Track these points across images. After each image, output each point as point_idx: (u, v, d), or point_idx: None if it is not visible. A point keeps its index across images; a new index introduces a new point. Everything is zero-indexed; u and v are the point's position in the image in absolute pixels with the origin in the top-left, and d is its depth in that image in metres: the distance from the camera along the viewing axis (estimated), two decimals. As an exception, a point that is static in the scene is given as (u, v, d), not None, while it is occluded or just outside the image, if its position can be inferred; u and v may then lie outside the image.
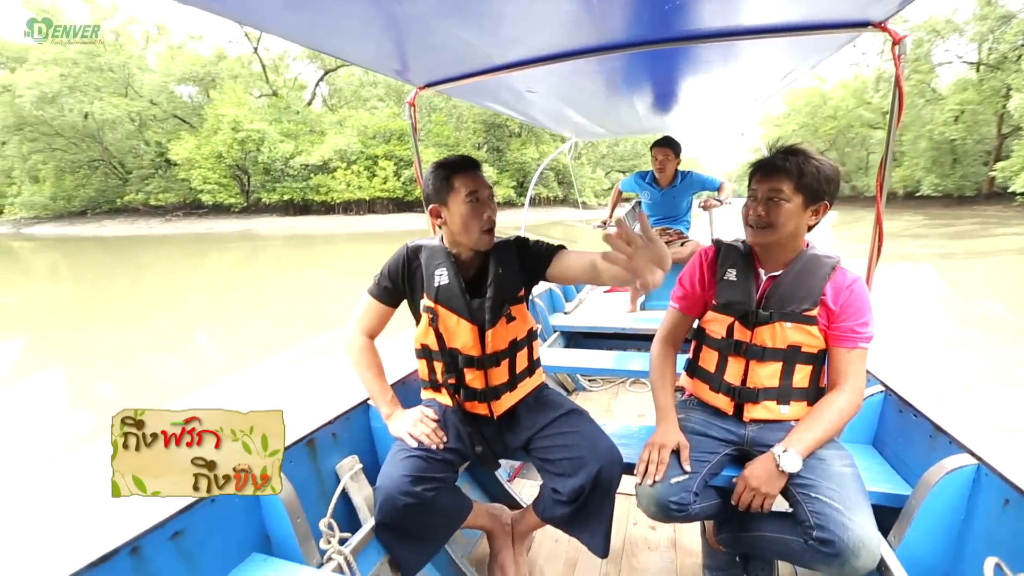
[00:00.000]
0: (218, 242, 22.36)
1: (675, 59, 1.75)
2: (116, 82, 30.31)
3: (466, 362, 1.54)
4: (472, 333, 1.51)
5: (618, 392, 3.37)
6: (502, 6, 1.19)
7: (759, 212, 1.34)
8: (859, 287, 1.38)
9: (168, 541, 1.13)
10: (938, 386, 4.54)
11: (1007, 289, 9.34)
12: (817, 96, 39.35)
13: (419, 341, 1.59)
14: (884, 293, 8.30)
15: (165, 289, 12.22)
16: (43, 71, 26.68)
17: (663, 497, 1.32)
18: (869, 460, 1.69)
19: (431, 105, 33.74)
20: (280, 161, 28.40)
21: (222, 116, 27.88)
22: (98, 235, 27.76)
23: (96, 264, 17.67)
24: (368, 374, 1.58)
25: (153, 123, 31.56)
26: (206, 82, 31.30)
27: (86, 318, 9.41)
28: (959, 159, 30.36)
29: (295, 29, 1.27)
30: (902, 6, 1.27)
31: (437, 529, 1.52)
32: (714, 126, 3.82)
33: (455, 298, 1.50)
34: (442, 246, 1.55)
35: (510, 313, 1.55)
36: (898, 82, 1.44)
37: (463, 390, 1.57)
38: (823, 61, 1.84)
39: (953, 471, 1.28)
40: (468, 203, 1.43)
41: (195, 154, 28.15)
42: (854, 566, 1.13)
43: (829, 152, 40.79)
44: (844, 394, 1.35)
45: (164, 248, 21.49)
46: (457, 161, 1.49)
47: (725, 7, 1.25)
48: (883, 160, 1.55)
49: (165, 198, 31.16)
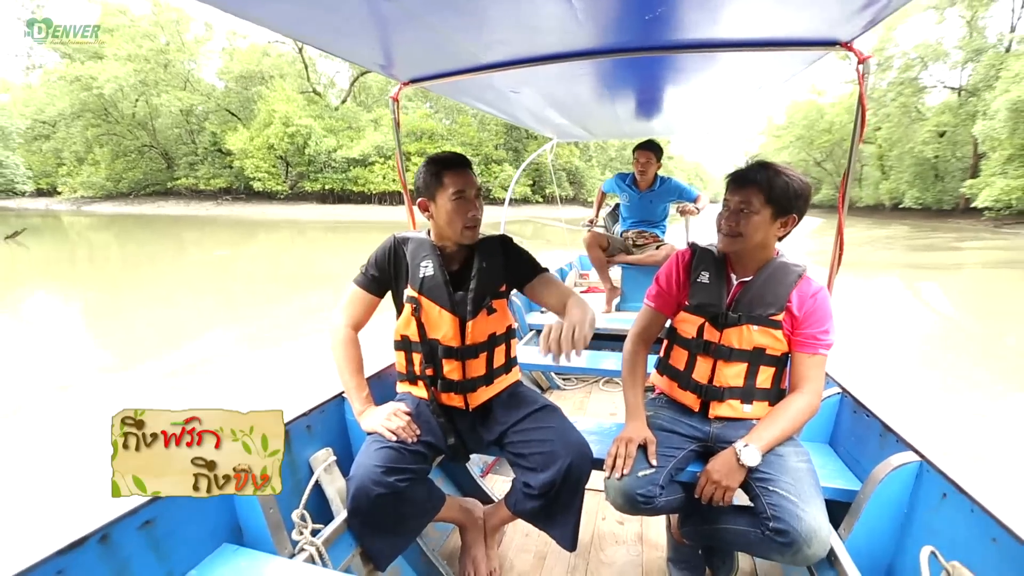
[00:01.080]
0: (267, 225, 23.85)
1: (655, 66, 1.73)
2: (178, 77, 32.59)
3: (445, 353, 1.51)
4: (453, 324, 1.49)
5: (591, 391, 3.32)
6: (486, 7, 1.18)
7: (730, 222, 1.36)
8: (822, 296, 1.41)
9: (138, 530, 1.09)
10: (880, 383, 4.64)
11: (959, 300, 9.34)
12: (815, 110, 40.40)
13: (399, 332, 1.55)
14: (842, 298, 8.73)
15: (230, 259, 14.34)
16: (119, 66, 28.97)
17: (630, 490, 1.32)
18: (825, 457, 1.71)
19: (458, 108, 35.16)
20: (324, 154, 30.63)
21: (274, 111, 30.21)
22: (158, 213, 29.44)
23: (174, 236, 19.57)
24: (347, 368, 1.53)
25: (205, 115, 33.59)
26: (256, 79, 33.16)
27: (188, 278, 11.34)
28: (940, 175, 31.58)
29: (280, 19, 1.23)
30: (867, 28, 1.31)
31: (409, 521, 1.47)
32: (695, 132, 3.70)
33: (438, 289, 1.48)
34: (428, 239, 1.53)
35: (491, 306, 1.52)
36: (861, 100, 1.49)
37: (440, 381, 1.53)
38: (795, 75, 1.84)
39: (898, 467, 1.32)
40: (454, 200, 1.43)
41: (248, 145, 30.47)
42: (806, 554, 1.16)
43: (826, 163, 40.80)
44: (804, 396, 1.37)
45: (215, 227, 23.14)
46: (449, 158, 1.47)
47: (703, 20, 1.27)
48: (845, 173, 1.57)
49: (215, 183, 33.26)
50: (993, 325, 7.35)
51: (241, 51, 33.81)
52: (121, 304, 8.62)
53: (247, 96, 33.78)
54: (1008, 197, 22.56)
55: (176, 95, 30.92)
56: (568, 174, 36.54)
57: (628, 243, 3.55)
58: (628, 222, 3.62)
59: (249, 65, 32.46)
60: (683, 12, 1.20)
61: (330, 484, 1.51)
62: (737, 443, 1.32)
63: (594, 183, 38.91)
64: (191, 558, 1.20)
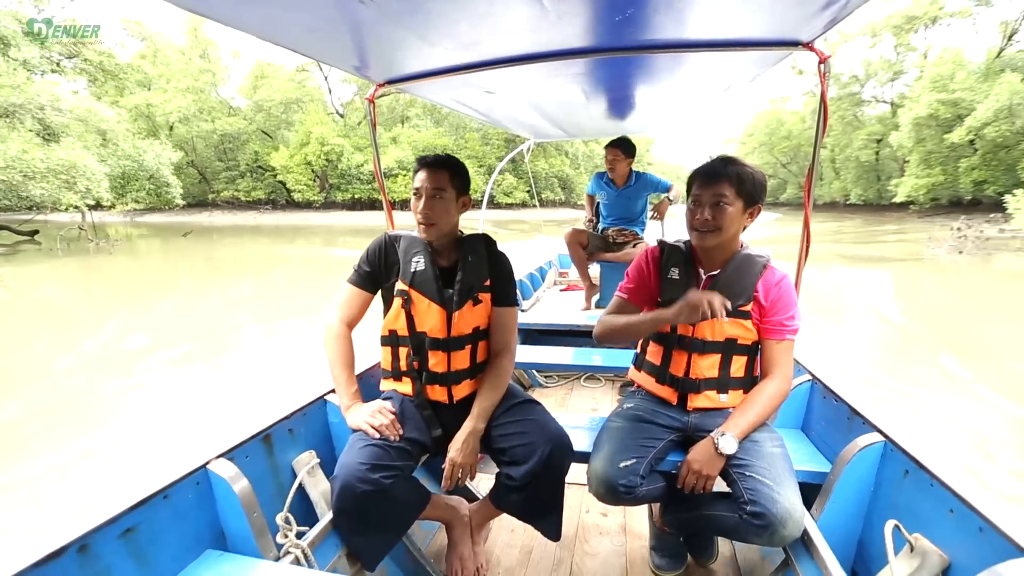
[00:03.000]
0: (304, 231, 26.02)
1: (627, 66, 1.68)
2: (224, 104, 36.02)
3: (432, 344, 1.44)
4: (441, 316, 1.43)
5: (573, 387, 3.28)
6: (460, 9, 1.13)
7: (706, 216, 1.30)
8: (786, 284, 1.38)
9: (118, 538, 1.02)
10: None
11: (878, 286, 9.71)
12: (775, 120, 43.08)
13: (387, 327, 1.48)
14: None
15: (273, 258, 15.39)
16: (182, 98, 31.78)
17: (613, 480, 1.29)
18: (797, 442, 1.69)
19: (463, 124, 38.18)
20: (354, 168, 34.04)
21: (310, 132, 33.54)
22: (212, 223, 31.45)
23: (252, 239, 21.09)
24: (338, 363, 1.45)
25: (247, 137, 36.34)
26: (291, 105, 36.49)
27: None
28: (880, 175, 34.34)
29: (252, 23, 1.17)
30: (827, 29, 1.30)
31: (394, 518, 1.37)
32: (668, 130, 3.71)
33: (428, 283, 1.43)
34: (420, 237, 1.48)
35: (477, 297, 1.47)
36: (823, 98, 1.46)
37: (425, 374, 1.46)
38: (760, 75, 1.80)
39: (864, 448, 1.32)
40: (413, 196, 1.44)
41: (288, 161, 33.74)
42: (781, 535, 1.15)
43: (791, 165, 42.26)
44: (774, 382, 1.34)
45: (277, 231, 25.26)
46: (424, 157, 1.45)
47: (670, 22, 1.24)
48: (809, 171, 1.56)
49: (255, 195, 36.29)
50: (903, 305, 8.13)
51: (272, 78, 36.53)
52: (274, 285, 10.46)
53: (282, 119, 36.74)
54: (916, 193, 25.77)
55: (227, 121, 34.45)
56: (559, 180, 38.93)
57: (608, 240, 3.48)
58: (608, 219, 3.54)
59: (287, 93, 35.80)
60: (651, 13, 1.18)
61: (314, 487, 1.43)
62: (714, 432, 1.28)
63: (582, 187, 42.84)
64: (174, 565, 1.13)
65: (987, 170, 23.59)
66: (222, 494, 1.24)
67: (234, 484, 1.21)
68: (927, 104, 24.33)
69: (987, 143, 22.51)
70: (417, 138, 36.31)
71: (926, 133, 25.37)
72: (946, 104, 23.94)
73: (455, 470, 1.39)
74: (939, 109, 24.08)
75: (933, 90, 24.60)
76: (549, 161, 38.35)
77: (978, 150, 23.44)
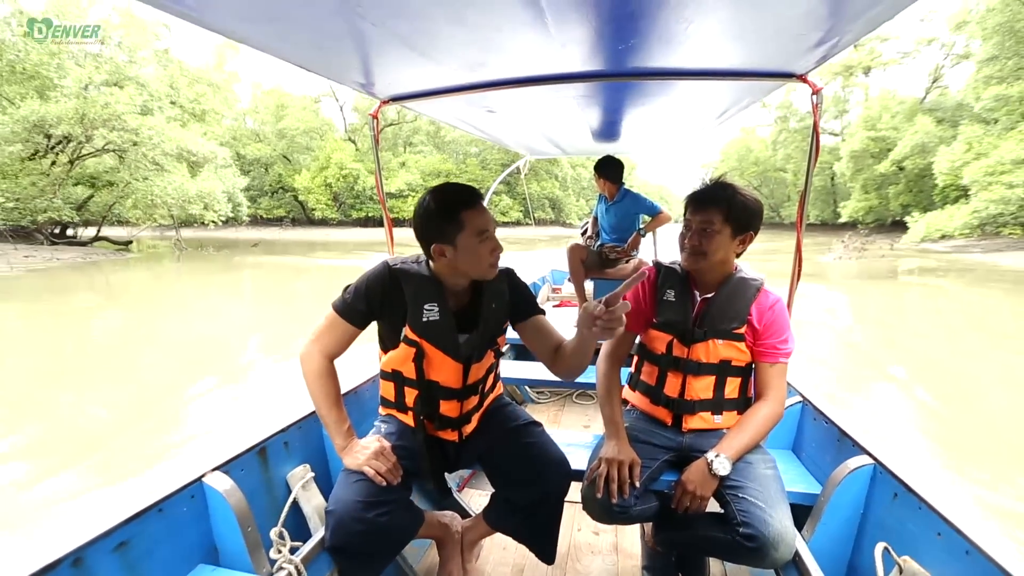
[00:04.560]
0: (339, 245, 27.55)
1: (626, 91, 1.67)
2: (252, 133, 38.71)
3: (444, 394, 1.27)
4: (456, 370, 1.25)
5: (565, 404, 3.19)
6: (467, 31, 1.09)
7: (693, 241, 1.27)
8: (780, 308, 1.31)
9: (112, 552, 0.98)
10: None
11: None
12: (744, 147, 45.88)
13: (391, 366, 1.27)
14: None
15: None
16: (219, 127, 32.83)
17: (606, 500, 1.22)
18: (788, 463, 1.63)
19: (464, 150, 40.69)
20: (368, 189, 36.67)
21: (330, 157, 36.35)
22: (238, 237, 32.80)
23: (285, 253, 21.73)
24: (325, 403, 1.24)
25: (269, 160, 38.67)
26: (309, 132, 39.19)
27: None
28: (836, 198, 36.79)
29: (260, 39, 1.14)
30: (820, 63, 1.29)
31: (389, 544, 1.26)
32: (659, 152, 3.80)
33: (443, 335, 1.22)
34: (432, 276, 1.23)
35: (496, 347, 1.34)
36: (815, 128, 1.45)
37: (437, 420, 1.29)
38: (753, 103, 1.80)
39: (854, 470, 1.28)
40: (481, 242, 1.17)
41: (310, 183, 36.38)
42: (773, 557, 1.09)
43: (762, 188, 44.28)
44: (768, 404, 1.28)
45: (303, 244, 26.95)
46: (462, 194, 1.17)
47: (671, 51, 1.22)
48: (802, 196, 1.52)
49: (276, 212, 38.69)
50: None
51: (292, 107, 39.58)
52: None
53: (301, 145, 39.20)
54: (856, 214, 27.96)
55: (255, 147, 37.33)
56: (550, 201, 41.63)
57: (603, 257, 3.44)
58: (604, 236, 3.53)
59: (308, 122, 39.00)
60: (654, 43, 1.17)
61: (308, 501, 1.36)
62: (708, 454, 1.21)
63: (571, 207, 43.23)
64: None
65: (910, 195, 27.16)
66: (217, 508, 1.16)
67: (229, 498, 1.14)
68: (860, 140, 26.77)
69: (908, 173, 26.44)
70: (424, 163, 38.30)
71: (862, 164, 27.60)
72: (875, 140, 26.31)
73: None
74: (869, 144, 26.36)
75: (865, 128, 27.06)
76: (541, 184, 41.34)
77: (902, 179, 27.64)
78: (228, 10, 0.96)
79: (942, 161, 19.68)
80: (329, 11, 0.96)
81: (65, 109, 15.45)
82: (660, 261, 1.45)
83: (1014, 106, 18.67)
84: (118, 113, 16.19)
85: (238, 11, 0.96)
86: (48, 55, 15.85)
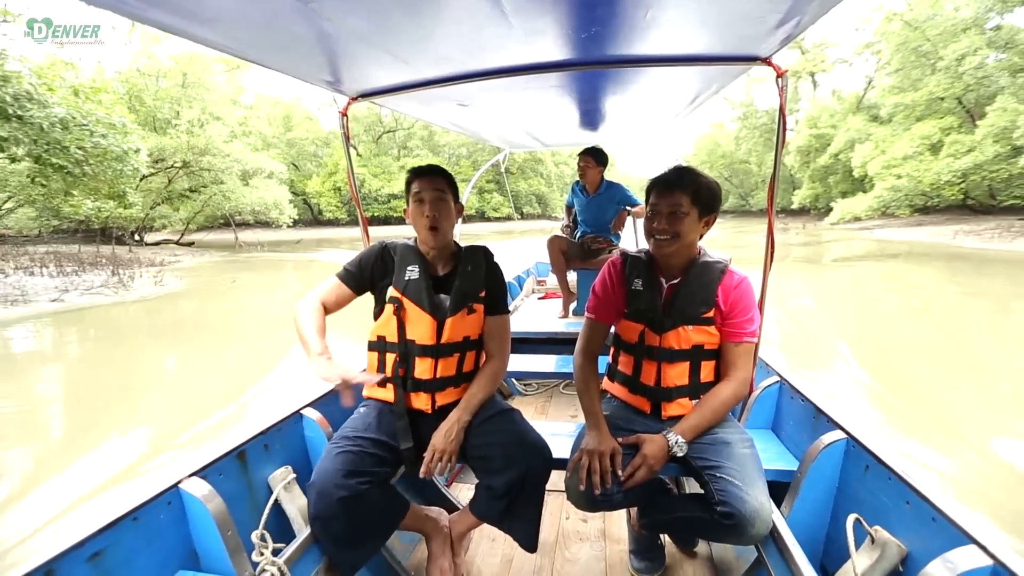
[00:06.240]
0: (340, 239, 28.93)
1: (596, 79, 1.59)
2: (266, 143, 37.57)
3: (419, 351, 1.29)
4: (431, 325, 1.29)
5: (552, 395, 3.13)
6: (428, 27, 1.06)
7: (663, 225, 1.21)
8: (745, 286, 1.24)
9: (86, 563, 0.93)
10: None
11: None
12: (712, 142, 47.70)
13: (376, 333, 1.32)
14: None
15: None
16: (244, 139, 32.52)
17: (589, 489, 1.17)
18: (767, 442, 1.59)
19: (459, 154, 41.34)
20: (374, 191, 38.68)
21: (338, 163, 37.90)
22: (259, 239, 31.48)
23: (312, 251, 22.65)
24: (311, 326, 1.26)
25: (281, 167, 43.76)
26: (316, 142, 40.50)
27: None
28: (794, 187, 37.89)
29: (223, 41, 1.10)
30: (782, 45, 1.27)
31: (372, 527, 1.22)
32: (639, 141, 3.67)
33: (421, 291, 1.30)
34: (415, 247, 1.36)
35: (471, 307, 1.33)
36: (782, 111, 1.40)
37: (410, 381, 1.31)
38: (723, 88, 1.74)
39: (829, 445, 1.25)
40: (415, 203, 1.30)
41: (321, 188, 38.25)
42: (751, 534, 1.07)
43: (732, 179, 44.03)
44: (729, 385, 1.24)
45: (323, 242, 28.39)
46: (419, 167, 1.32)
47: (635, 38, 1.19)
48: (772, 180, 1.47)
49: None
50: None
51: (298, 118, 40.76)
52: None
53: (308, 152, 40.67)
54: (805, 200, 29.52)
55: (269, 155, 36.18)
56: (536, 197, 43.41)
57: (584, 248, 3.35)
58: (583, 227, 3.45)
59: (316, 133, 40.73)
60: (616, 30, 1.13)
61: (290, 502, 1.28)
62: (669, 434, 1.19)
63: (556, 202, 44.15)
64: None
65: (847, 183, 29.41)
66: (195, 513, 1.09)
67: (207, 503, 1.07)
68: (804, 136, 28.21)
69: (843, 164, 26.53)
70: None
71: (808, 157, 29.16)
72: (816, 137, 27.88)
73: (436, 455, 1.21)
74: (811, 141, 27.78)
75: (807, 126, 28.57)
76: (528, 182, 42.13)
77: (839, 170, 28.20)
78: (180, 11, 0.91)
79: (857, 156, 21.62)
80: (287, 8, 0.91)
81: (179, 143, 20.09)
82: (626, 251, 1.39)
83: (908, 111, 20.90)
84: (215, 143, 20.44)
85: (192, 11, 0.91)
86: (169, 100, 21.27)
